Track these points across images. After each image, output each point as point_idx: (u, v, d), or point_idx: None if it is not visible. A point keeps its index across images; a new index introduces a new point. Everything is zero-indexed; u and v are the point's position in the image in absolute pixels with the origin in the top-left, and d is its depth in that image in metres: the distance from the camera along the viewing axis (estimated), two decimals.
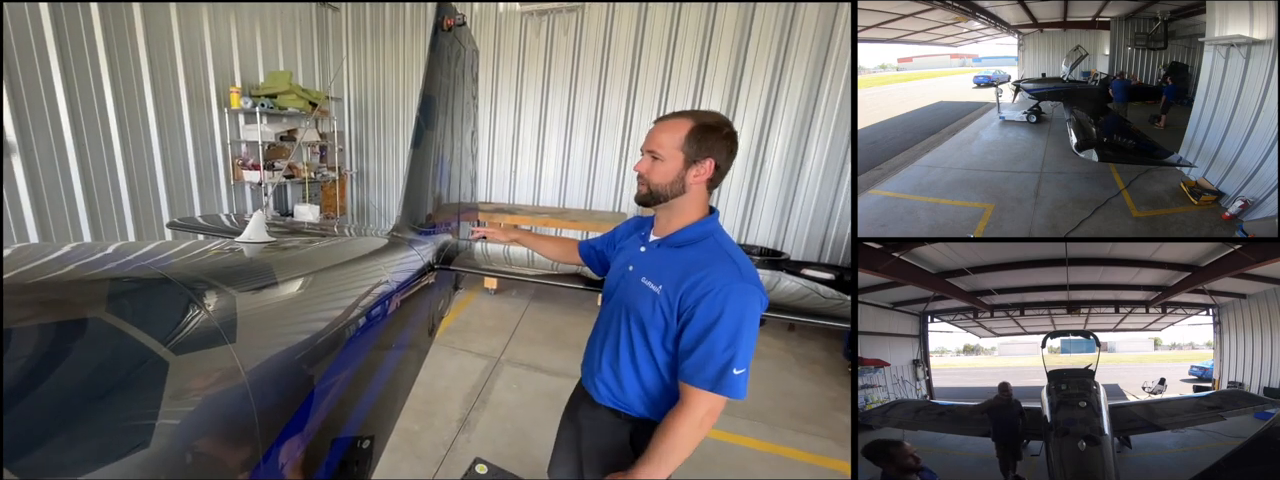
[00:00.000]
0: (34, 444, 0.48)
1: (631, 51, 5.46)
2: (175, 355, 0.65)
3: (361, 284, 1.39)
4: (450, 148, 2.60)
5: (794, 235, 5.56)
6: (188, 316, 0.74)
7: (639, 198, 1.23)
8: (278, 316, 0.98)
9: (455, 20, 2.33)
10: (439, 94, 2.31)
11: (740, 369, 1.12)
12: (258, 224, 1.44)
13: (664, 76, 5.44)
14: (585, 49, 5.59)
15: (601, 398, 1.37)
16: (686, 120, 1.16)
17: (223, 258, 1.05)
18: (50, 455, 0.48)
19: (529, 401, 3.20)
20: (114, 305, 0.65)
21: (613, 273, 1.39)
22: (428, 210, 2.36)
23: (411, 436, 2.74)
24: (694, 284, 1.13)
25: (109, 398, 0.56)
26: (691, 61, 5.30)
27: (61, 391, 0.53)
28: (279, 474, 0.85)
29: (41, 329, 0.57)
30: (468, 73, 2.82)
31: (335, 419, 1.10)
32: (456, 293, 2.78)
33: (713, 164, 1.16)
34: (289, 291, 1.07)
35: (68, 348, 0.57)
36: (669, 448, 1.17)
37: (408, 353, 1.74)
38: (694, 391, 1.14)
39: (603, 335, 1.36)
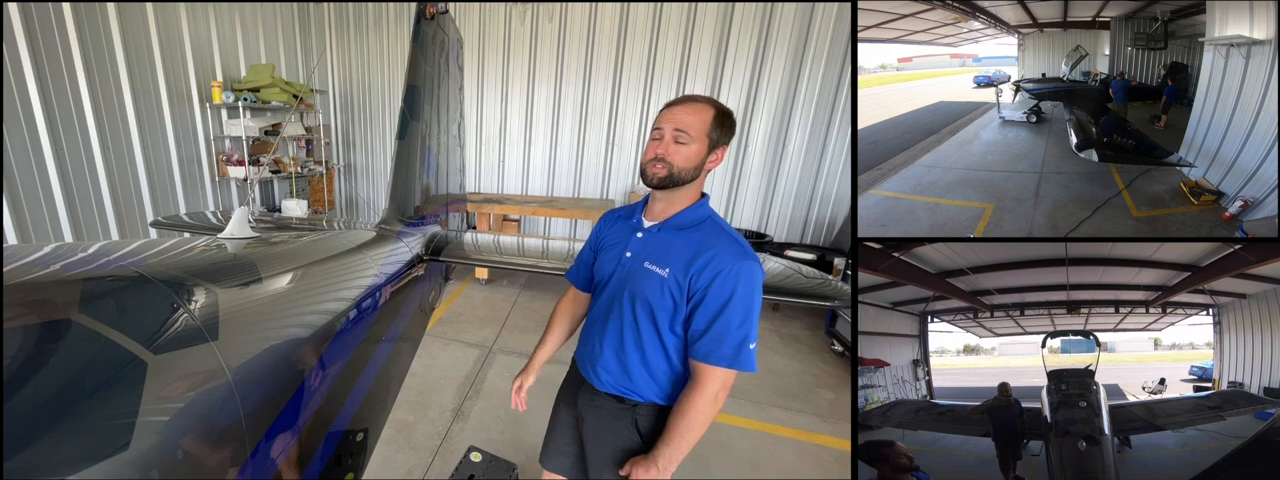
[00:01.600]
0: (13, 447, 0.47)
1: (616, 39, 5.52)
2: (154, 355, 0.65)
3: (349, 277, 1.38)
4: (437, 138, 2.59)
5: (777, 218, 5.73)
6: (167, 315, 0.73)
7: (657, 180, 1.17)
8: (262, 313, 0.96)
9: (438, 8, 2.32)
10: (423, 84, 2.29)
11: (753, 343, 1.16)
12: (240, 220, 1.44)
13: (648, 63, 5.52)
14: (570, 37, 5.63)
15: (604, 385, 1.35)
16: (708, 106, 1.16)
17: (205, 255, 1.04)
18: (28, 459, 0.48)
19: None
20: (89, 306, 0.64)
21: (605, 262, 1.36)
22: (416, 202, 2.35)
23: (406, 427, 2.75)
24: (704, 265, 1.15)
25: (86, 400, 0.55)
26: (675, 48, 5.39)
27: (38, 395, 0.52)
28: (269, 470, 0.84)
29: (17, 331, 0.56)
30: (453, 62, 2.80)
31: (326, 413, 1.10)
32: (447, 283, 2.78)
33: (725, 151, 1.19)
34: (274, 287, 1.06)
35: (44, 350, 0.56)
36: (687, 426, 1.19)
37: (399, 345, 1.73)
38: (708, 369, 1.16)
39: (602, 323, 1.34)
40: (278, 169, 5.67)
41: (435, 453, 2.59)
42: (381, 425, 1.63)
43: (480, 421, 2.88)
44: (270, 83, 5.26)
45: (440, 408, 2.98)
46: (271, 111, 5.53)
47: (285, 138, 5.74)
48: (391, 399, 1.73)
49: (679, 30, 5.33)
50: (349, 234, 1.83)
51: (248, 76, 5.35)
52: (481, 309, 4.60)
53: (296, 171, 5.81)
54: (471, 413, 2.96)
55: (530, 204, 5.63)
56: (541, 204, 5.65)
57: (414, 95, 2.23)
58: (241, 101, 5.11)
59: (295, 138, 5.93)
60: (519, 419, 2.82)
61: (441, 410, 2.96)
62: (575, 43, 5.63)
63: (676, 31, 5.34)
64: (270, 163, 5.55)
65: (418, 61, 2.25)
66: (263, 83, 5.25)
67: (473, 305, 4.68)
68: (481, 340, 3.96)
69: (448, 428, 2.81)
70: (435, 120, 2.52)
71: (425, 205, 2.46)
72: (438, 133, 2.59)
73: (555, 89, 5.86)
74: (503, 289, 5.11)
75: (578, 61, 5.69)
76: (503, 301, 4.79)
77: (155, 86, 4.51)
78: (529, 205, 5.57)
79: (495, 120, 6.19)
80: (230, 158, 5.31)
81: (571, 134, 5.99)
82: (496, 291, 5.05)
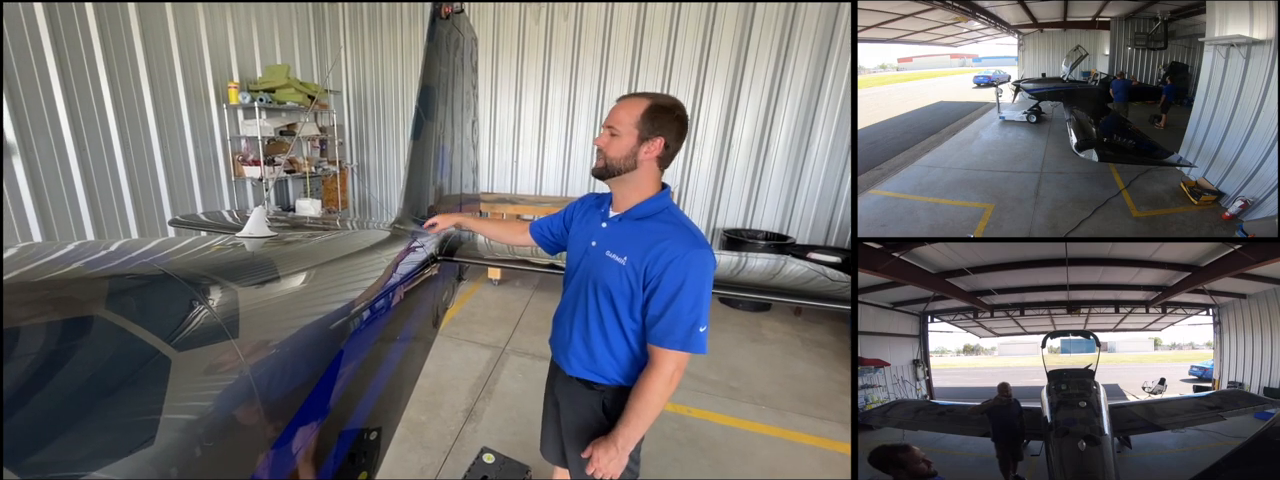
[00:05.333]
0: (39, 443, 0.48)
1: (632, 37, 5.45)
2: (177, 351, 0.66)
3: (364, 277, 1.40)
4: (451, 138, 2.59)
5: (799, 220, 5.65)
6: (189, 312, 0.74)
7: (595, 170, 1.32)
8: (280, 311, 0.98)
9: (453, 8, 2.32)
10: (438, 84, 2.30)
11: (703, 327, 1.24)
12: (258, 219, 1.46)
13: (666, 62, 5.44)
14: (585, 36, 5.58)
15: (573, 370, 1.44)
16: (644, 100, 1.25)
17: (224, 253, 1.06)
18: (55, 454, 0.48)
19: (535, 390, 3.19)
20: (115, 303, 0.66)
21: (573, 251, 1.47)
22: (429, 202, 2.35)
23: (418, 427, 2.77)
24: (659, 254, 1.23)
25: (112, 395, 0.56)
26: (694, 47, 5.31)
27: (65, 390, 0.53)
28: (288, 467, 0.85)
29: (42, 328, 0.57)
30: (467, 61, 2.80)
31: (341, 411, 1.12)
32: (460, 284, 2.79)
33: (663, 142, 1.25)
34: (291, 286, 1.07)
35: (70, 346, 0.57)
36: (644, 405, 1.27)
37: (412, 345, 1.75)
38: (664, 352, 1.25)
39: (570, 310, 1.43)
40: (292, 169, 5.75)
41: (448, 452, 2.60)
42: (395, 424, 1.65)
43: (492, 423, 2.88)
44: (285, 83, 5.34)
45: (453, 408, 3.00)
46: (286, 112, 5.62)
47: (300, 138, 5.82)
48: (405, 398, 1.74)
49: (697, 30, 5.25)
50: (364, 233, 1.84)
51: (263, 77, 5.43)
52: (495, 309, 4.60)
53: (310, 171, 5.89)
54: (484, 413, 2.97)
55: (544, 204, 5.60)
56: (556, 204, 5.61)
57: (428, 95, 2.24)
58: (257, 102, 5.17)
59: (309, 138, 6.01)
60: (531, 420, 2.80)
61: (454, 410, 2.97)
62: (590, 40, 5.58)
63: (696, 28, 5.25)
64: (285, 163, 5.65)
65: (433, 61, 2.25)
66: (278, 83, 5.32)
67: (486, 305, 4.68)
68: (494, 341, 3.96)
69: (460, 428, 2.82)
70: (449, 120, 2.52)
71: (439, 205, 2.46)
72: (452, 132, 2.59)
73: (570, 87, 5.81)
74: (516, 289, 5.10)
75: (593, 59, 5.64)
76: (516, 302, 4.79)
77: (174, 87, 4.63)
78: (543, 205, 5.53)
79: (509, 119, 6.17)
80: (246, 157, 5.39)
81: (586, 133, 5.95)
82: (510, 292, 5.05)
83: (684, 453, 2.72)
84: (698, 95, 5.46)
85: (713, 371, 3.64)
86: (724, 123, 5.50)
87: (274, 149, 5.59)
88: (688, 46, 5.32)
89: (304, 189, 6.06)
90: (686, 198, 5.80)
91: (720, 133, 5.55)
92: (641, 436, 1.33)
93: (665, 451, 2.70)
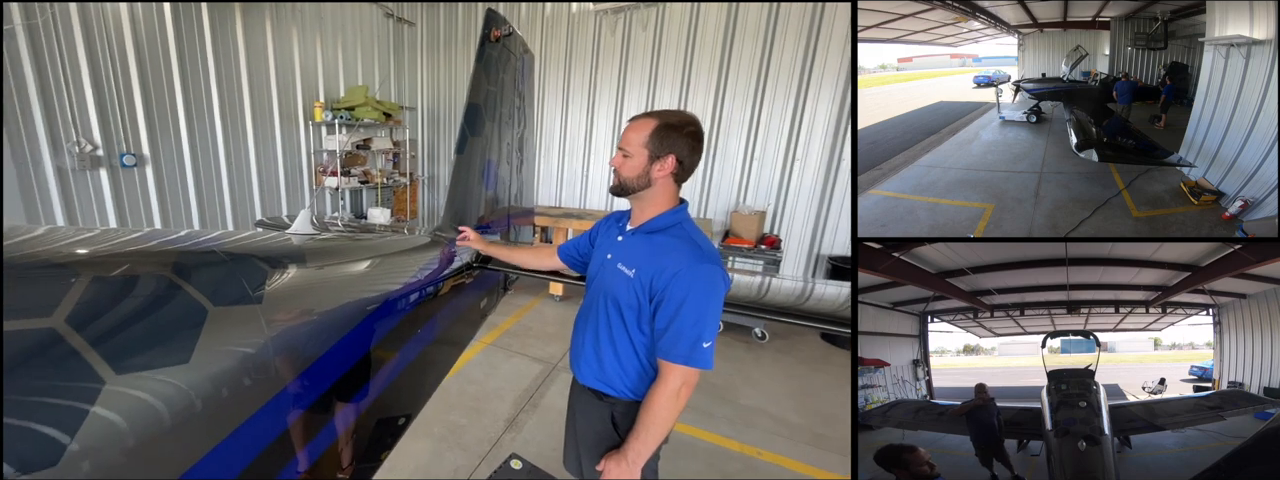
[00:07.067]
0: (124, 338, 0.75)
1: (721, 43, 5.06)
2: (213, 306, 0.89)
3: (388, 272, 1.54)
4: (498, 152, 2.68)
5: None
6: (227, 281, 0.97)
7: (612, 189, 1.37)
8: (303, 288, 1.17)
9: (502, 31, 2.41)
10: (485, 102, 2.40)
11: (708, 342, 1.25)
12: (304, 219, 1.75)
13: (761, 67, 4.99)
14: (666, 45, 5.33)
15: (584, 378, 1.47)
16: (652, 120, 1.27)
17: (269, 243, 1.27)
18: (127, 348, 0.74)
19: None
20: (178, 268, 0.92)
21: (593, 263, 1.52)
22: (479, 212, 2.46)
23: (458, 429, 2.82)
24: (663, 267, 1.25)
25: (165, 326, 0.82)
26: (792, 56, 4.85)
27: (134, 317, 0.80)
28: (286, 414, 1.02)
29: (134, 279, 0.86)
30: (521, 79, 2.87)
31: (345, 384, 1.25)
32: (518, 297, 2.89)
33: (675, 159, 1.27)
34: (315, 270, 1.26)
35: (144, 293, 0.85)
36: (653, 420, 1.28)
37: (437, 344, 1.84)
38: (669, 366, 1.26)
39: (585, 320, 1.48)
40: (366, 179, 6.30)
41: (483, 457, 2.64)
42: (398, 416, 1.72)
43: (532, 434, 2.89)
44: (364, 102, 5.92)
45: (495, 416, 3.03)
46: (364, 127, 6.23)
47: (374, 151, 6.39)
48: (424, 394, 1.85)
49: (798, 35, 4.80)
50: (403, 238, 1.97)
51: (345, 97, 6.04)
52: (552, 325, 4.56)
53: (382, 182, 6.40)
54: (525, 424, 2.98)
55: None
56: None
57: (475, 113, 2.33)
58: (338, 119, 5.81)
59: (384, 151, 6.52)
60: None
61: (495, 418, 3.00)
62: (671, 49, 5.30)
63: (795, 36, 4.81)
64: (360, 174, 6.25)
65: (480, 81, 2.35)
66: (357, 102, 5.90)
67: (544, 321, 4.65)
68: (547, 356, 3.94)
69: (499, 435, 2.85)
70: (495, 135, 2.60)
71: (489, 216, 2.58)
72: (498, 147, 2.67)
73: (647, 97, 5.53)
74: (576, 307, 4.93)
75: (674, 69, 5.34)
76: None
77: (270, 107, 5.39)
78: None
79: (580, 131, 6.04)
80: (326, 169, 6.01)
81: None
82: (569, 309, 4.98)
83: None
84: (800, 104, 4.98)
85: (798, 414, 3.31)
86: (832, 139, 4.93)
87: (351, 161, 6.15)
88: (790, 56, 4.89)
89: (376, 198, 6.52)
90: (783, 221, 5.23)
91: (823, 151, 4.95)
92: (655, 451, 1.34)
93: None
